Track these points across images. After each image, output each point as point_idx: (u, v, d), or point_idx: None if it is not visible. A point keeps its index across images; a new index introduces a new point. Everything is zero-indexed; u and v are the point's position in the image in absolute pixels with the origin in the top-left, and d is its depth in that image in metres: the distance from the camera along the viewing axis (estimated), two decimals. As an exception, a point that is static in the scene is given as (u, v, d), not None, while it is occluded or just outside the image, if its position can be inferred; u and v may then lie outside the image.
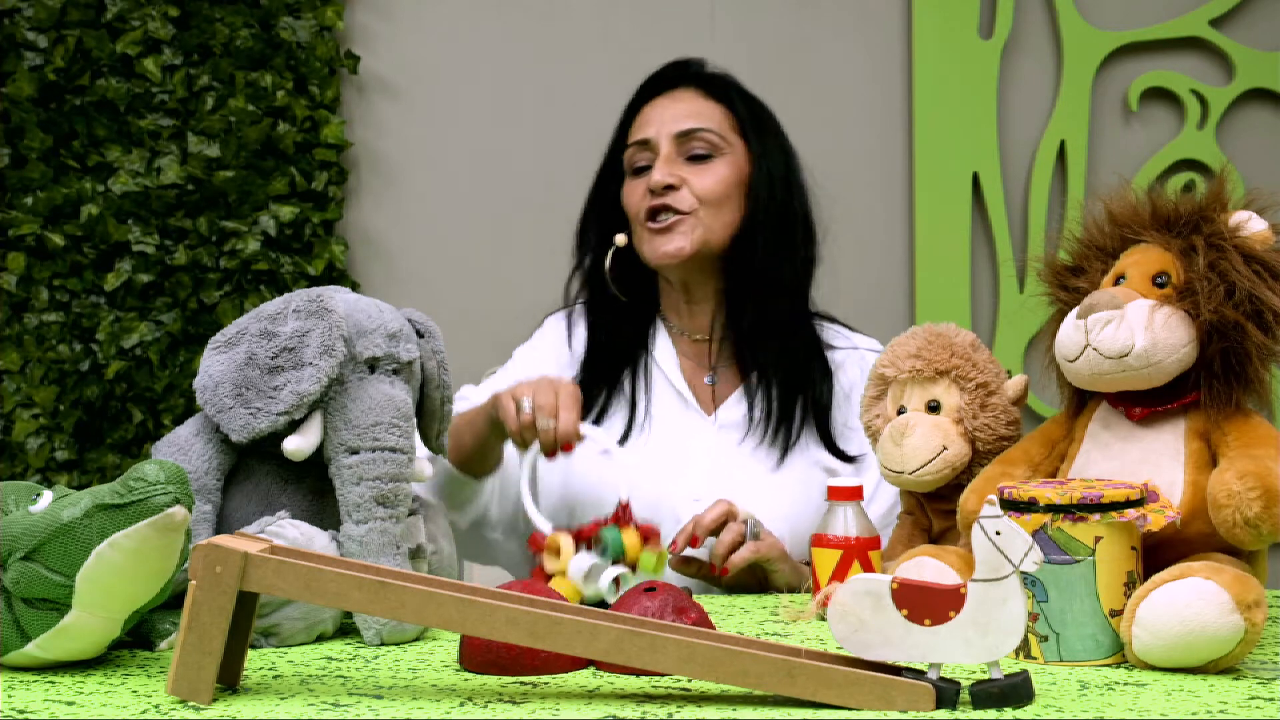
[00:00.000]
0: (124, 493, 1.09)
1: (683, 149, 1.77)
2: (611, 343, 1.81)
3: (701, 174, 1.76)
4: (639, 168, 1.79)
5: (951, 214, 2.61)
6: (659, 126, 1.78)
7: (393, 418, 1.31)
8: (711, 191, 1.75)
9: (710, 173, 1.76)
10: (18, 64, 2.43)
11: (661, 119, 1.78)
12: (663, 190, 1.74)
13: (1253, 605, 1.10)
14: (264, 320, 1.33)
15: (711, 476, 1.73)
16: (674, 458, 1.75)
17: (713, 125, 1.78)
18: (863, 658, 1.03)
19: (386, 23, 2.59)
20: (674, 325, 1.84)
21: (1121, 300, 1.24)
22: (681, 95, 1.81)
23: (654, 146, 1.77)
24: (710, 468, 1.74)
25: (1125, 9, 2.66)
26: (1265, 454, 1.19)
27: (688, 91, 1.81)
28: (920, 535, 1.48)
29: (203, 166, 2.45)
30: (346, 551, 1.28)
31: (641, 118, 1.81)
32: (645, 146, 1.78)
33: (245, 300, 2.46)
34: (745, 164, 1.79)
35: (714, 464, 1.74)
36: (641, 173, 1.79)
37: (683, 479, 1.73)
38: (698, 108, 1.79)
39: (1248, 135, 2.65)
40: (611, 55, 2.61)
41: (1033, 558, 1.01)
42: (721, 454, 1.75)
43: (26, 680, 1.12)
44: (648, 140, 1.78)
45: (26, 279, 2.41)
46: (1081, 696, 1.06)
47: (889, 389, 1.49)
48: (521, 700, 1.06)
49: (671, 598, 1.19)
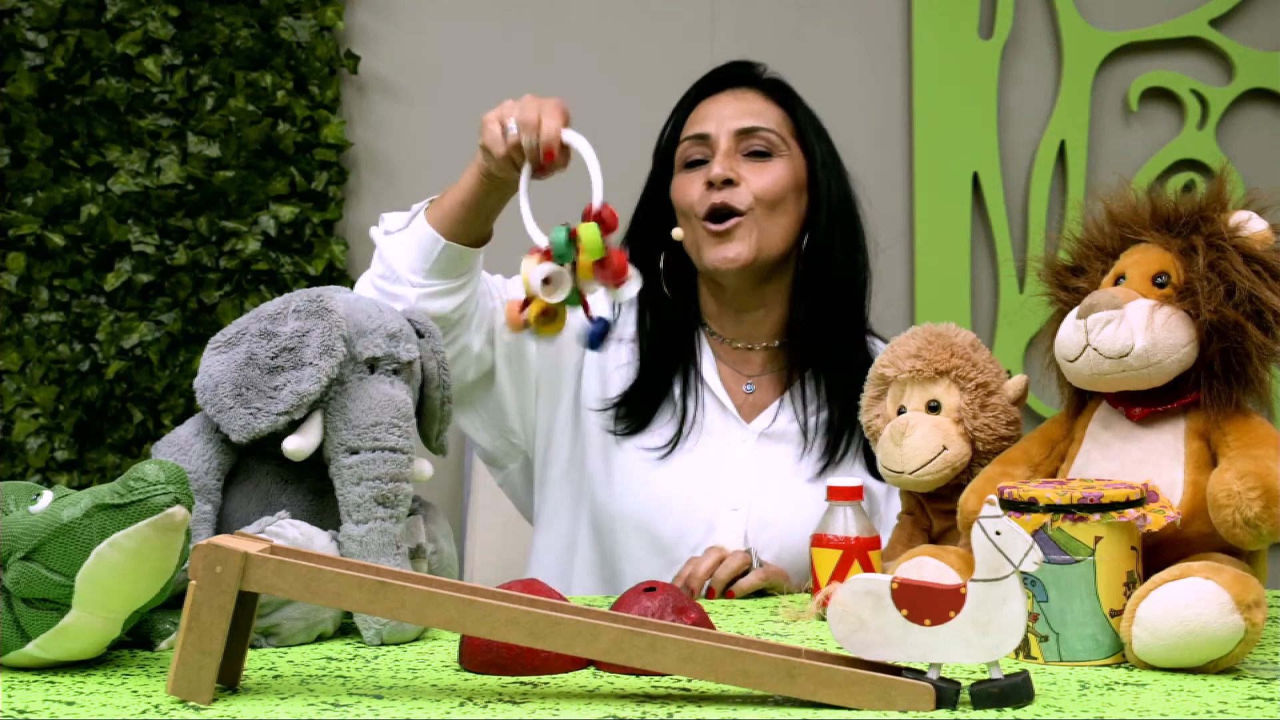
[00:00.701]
0: (124, 493, 1.09)
1: (742, 145, 1.74)
2: (662, 346, 1.77)
3: (760, 172, 1.73)
4: (694, 161, 1.75)
5: (951, 214, 2.61)
6: (718, 123, 1.75)
7: (393, 418, 1.31)
8: (769, 191, 1.72)
9: (769, 172, 1.73)
10: (18, 64, 2.43)
11: (721, 115, 1.75)
12: (722, 185, 1.70)
13: (1253, 605, 1.10)
14: (264, 320, 1.33)
15: (750, 486, 1.72)
16: (713, 466, 1.73)
17: (773, 126, 1.76)
18: (863, 658, 1.03)
19: (386, 23, 2.59)
20: (714, 331, 1.80)
21: (1121, 300, 1.24)
22: (742, 94, 1.78)
23: (712, 142, 1.74)
24: (749, 478, 1.72)
25: (1125, 9, 2.66)
26: (1265, 454, 1.19)
27: (748, 91, 1.79)
28: (920, 535, 1.48)
29: (203, 166, 2.45)
30: (346, 551, 1.28)
31: (699, 113, 1.78)
32: (703, 141, 1.75)
33: (245, 300, 2.46)
34: (802, 169, 1.76)
35: (753, 474, 1.72)
36: (696, 166, 1.75)
37: (722, 488, 1.72)
38: (758, 107, 1.77)
39: (1248, 135, 2.65)
40: (612, 55, 2.61)
41: (1033, 558, 1.01)
42: (760, 464, 1.73)
43: (26, 680, 1.12)
44: (706, 135, 1.74)
45: (26, 279, 2.41)
46: (1081, 696, 1.06)
47: (889, 389, 1.49)
48: (521, 700, 1.06)
49: (671, 598, 1.19)
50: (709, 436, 1.74)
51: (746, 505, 1.70)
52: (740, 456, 1.73)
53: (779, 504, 1.69)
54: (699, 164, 1.74)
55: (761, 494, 1.71)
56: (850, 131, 2.65)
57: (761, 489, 1.71)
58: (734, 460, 1.73)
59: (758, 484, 1.72)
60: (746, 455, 1.73)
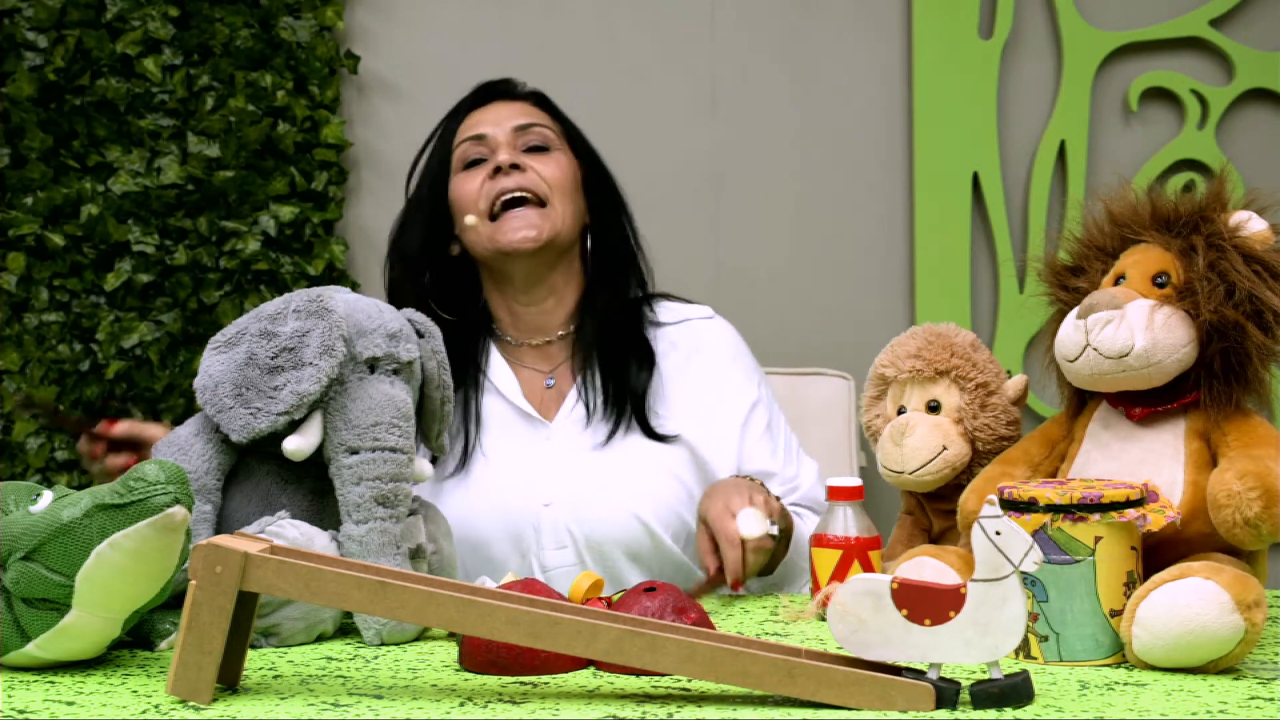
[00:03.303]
0: (124, 493, 1.09)
1: (520, 141, 1.78)
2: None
3: (544, 162, 1.77)
4: (474, 160, 1.78)
5: (951, 214, 2.61)
6: (495, 124, 1.79)
7: (393, 418, 1.31)
8: (557, 178, 1.77)
9: (553, 161, 1.78)
10: (18, 64, 2.43)
11: (496, 117, 1.80)
12: (510, 169, 1.74)
13: (1253, 605, 1.10)
14: (264, 320, 1.33)
15: (556, 479, 1.72)
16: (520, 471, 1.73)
17: (548, 124, 1.82)
18: (863, 658, 1.03)
19: (386, 23, 2.59)
20: (508, 338, 1.81)
21: (1121, 300, 1.24)
22: (510, 103, 1.84)
23: (490, 140, 1.78)
24: (553, 471, 1.73)
25: (1125, 9, 2.66)
26: (1265, 454, 1.19)
27: (515, 102, 1.84)
28: (920, 535, 1.48)
29: (203, 166, 2.45)
30: (346, 551, 1.28)
31: (470, 121, 1.82)
32: (480, 141, 1.78)
33: (245, 300, 2.46)
34: (576, 170, 1.81)
35: (557, 466, 1.73)
36: (476, 165, 1.78)
37: (531, 489, 1.72)
38: (530, 111, 1.83)
39: (1248, 135, 2.65)
40: (611, 55, 2.61)
41: (1033, 558, 1.01)
42: (563, 453, 1.74)
43: (26, 680, 1.12)
44: (484, 135, 1.78)
45: (26, 279, 2.41)
46: (1081, 696, 1.06)
47: (889, 389, 1.49)
48: (521, 700, 1.06)
49: (671, 598, 1.19)
50: (511, 443, 1.75)
51: (557, 498, 1.70)
52: (543, 454, 1.74)
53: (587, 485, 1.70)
54: (478, 162, 1.78)
55: (571, 482, 1.71)
56: (850, 131, 2.65)
57: (567, 475, 1.71)
58: (537, 459, 1.74)
59: (562, 474, 1.72)
60: (549, 450, 1.74)
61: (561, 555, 1.69)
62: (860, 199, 2.61)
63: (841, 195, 2.60)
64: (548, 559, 1.69)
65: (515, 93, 1.87)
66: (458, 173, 1.79)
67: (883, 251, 2.63)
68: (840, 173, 2.57)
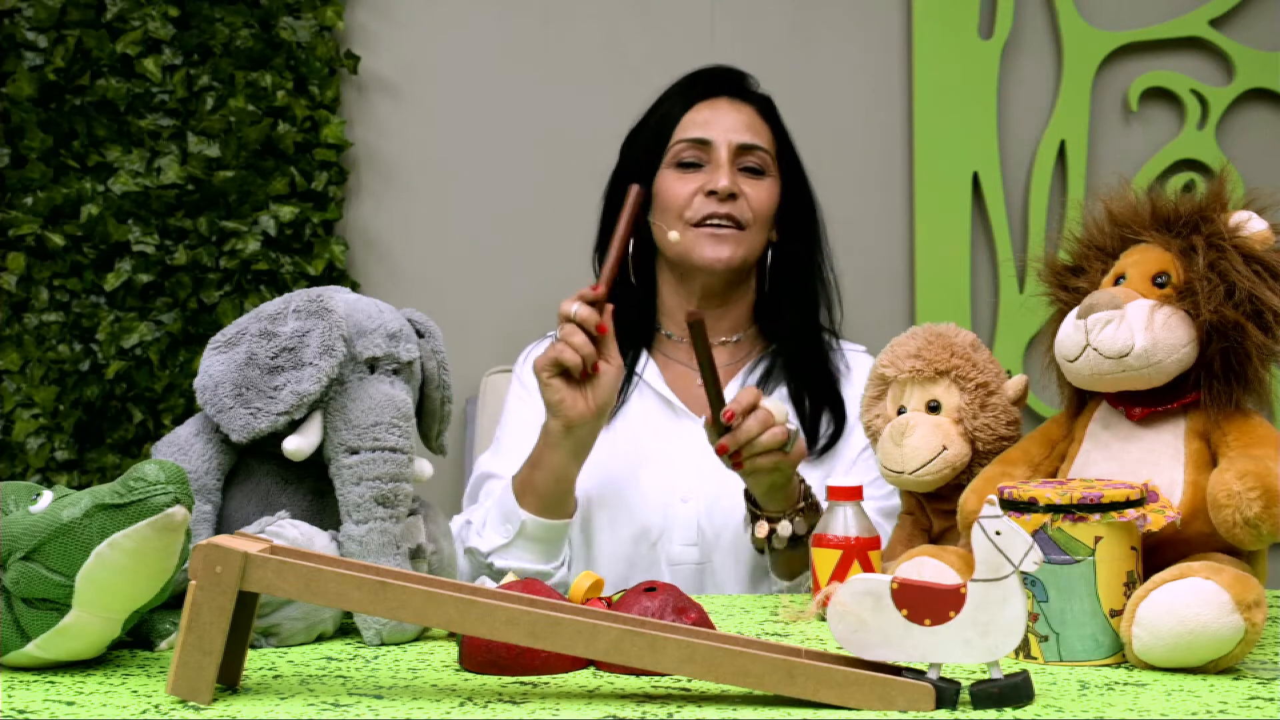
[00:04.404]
0: (124, 493, 1.09)
1: (740, 160, 1.81)
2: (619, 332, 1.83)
3: (757, 188, 1.81)
4: (689, 163, 1.81)
5: (951, 214, 2.61)
6: (722, 132, 1.81)
7: (393, 418, 1.31)
8: (764, 208, 1.81)
9: (765, 189, 1.82)
10: (18, 64, 2.43)
11: (723, 124, 1.82)
12: (727, 197, 1.78)
13: (1253, 605, 1.10)
14: (264, 320, 1.33)
15: (699, 477, 1.75)
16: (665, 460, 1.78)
17: (767, 146, 1.84)
18: (863, 658, 1.03)
19: (386, 23, 2.59)
20: (668, 332, 1.87)
21: (1121, 300, 1.24)
22: (740, 106, 1.85)
23: (713, 149, 1.80)
24: (696, 468, 1.75)
25: (1125, 9, 2.66)
26: (1265, 454, 1.19)
27: (745, 105, 1.85)
28: (920, 535, 1.48)
29: (203, 166, 2.45)
30: (346, 551, 1.28)
31: (697, 115, 1.83)
32: (702, 146, 1.81)
33: (245, 300, 2.46)
34: (778, 192, 1.84)
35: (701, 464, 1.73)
36: (690, 168, 1.81)
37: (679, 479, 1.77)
38: (756, 124, 1.84)
39: (1248, 135, 2.65)
40: (612, 55, 2.61)
41: (1033, 558, 1.01)
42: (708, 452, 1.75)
43: (26, 680, 1.12)
44: (707, 141, 1.81)
45: (26, 279, 2.41)
46: (1081, 696, 1.06)
47: (889, 389, 1.49)
48: (521, 700, 1.06)
49: (671, 598, 1.19)
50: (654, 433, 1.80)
51: (697, 495, 1.75)
52: (692, 448, 1.76)
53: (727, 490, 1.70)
54: (693, 166, 1.80)
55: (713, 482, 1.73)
56: (850, 131, 2.66)
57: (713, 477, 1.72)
58: (680, 452, 1.78)
59: (707, 474, 1.73)
60: (695, 446, 1.74)
61: (687, 553, 1.75)
62: (860, 199, 2.61)
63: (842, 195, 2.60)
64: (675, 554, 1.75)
65: (745, 95, 1.87)
66: (670, 166, 1.82)
67: (883, 251, 2.63)
68: (840, 173, 2.57)
